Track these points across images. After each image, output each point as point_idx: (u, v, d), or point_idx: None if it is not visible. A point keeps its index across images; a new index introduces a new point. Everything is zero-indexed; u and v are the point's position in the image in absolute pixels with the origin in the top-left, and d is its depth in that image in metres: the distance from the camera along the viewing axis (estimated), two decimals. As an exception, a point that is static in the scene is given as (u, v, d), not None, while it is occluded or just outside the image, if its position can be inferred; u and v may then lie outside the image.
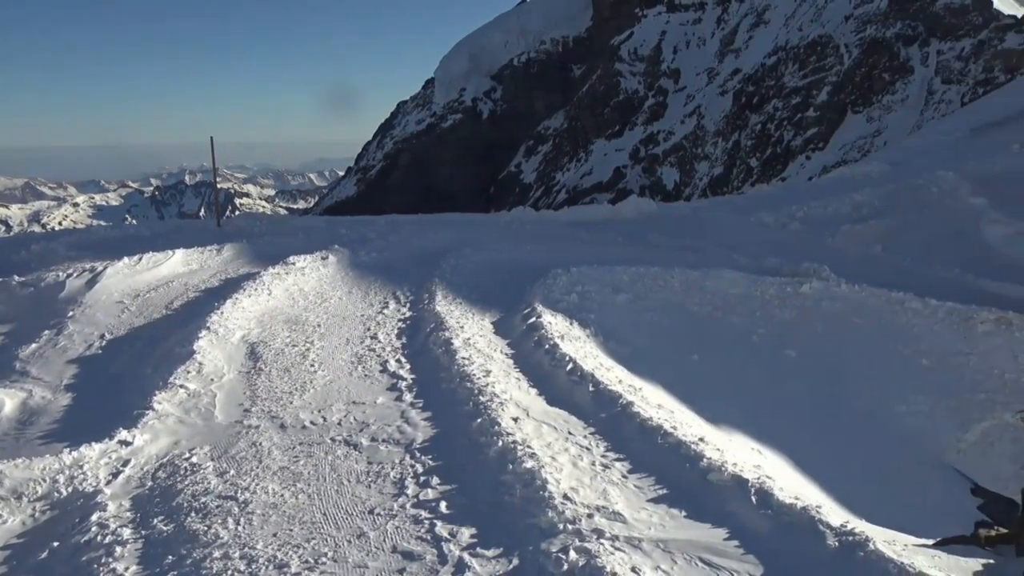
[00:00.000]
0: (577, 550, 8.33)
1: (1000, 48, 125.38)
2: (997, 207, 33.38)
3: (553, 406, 13.27)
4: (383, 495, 10.14)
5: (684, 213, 40.66)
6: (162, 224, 51.70)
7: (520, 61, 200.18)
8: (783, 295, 23.67)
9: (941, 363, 21.93)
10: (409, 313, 18.98)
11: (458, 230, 30.82)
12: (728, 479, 10.06)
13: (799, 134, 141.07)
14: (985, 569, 8.25)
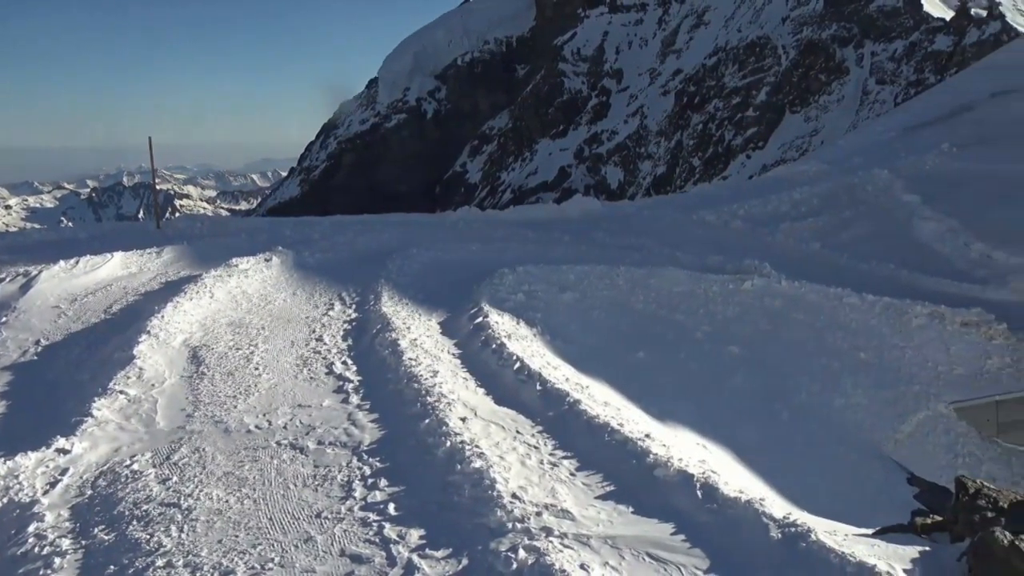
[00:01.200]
0: (526, 548, 8.36)
1: (930, 50, 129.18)
2: (929, 204, 34.37)
3: (501, 405, 13.29)
4: (330, 498, 10.05)
5: (628, 212, 41.03)
6: (99, 227, 50.55)
7: (464, 61, 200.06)
8: (726, 292, 24.08)
9: (878, 356, 22.55)
10: (355, 314, 18.83)
11: (403, 230, 30.68)
12: (674, 474, 10.18)
13: (739, 134, 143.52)
14: (922, 556, 8.48)
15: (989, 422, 22.98)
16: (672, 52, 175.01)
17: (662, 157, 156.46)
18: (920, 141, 45.54)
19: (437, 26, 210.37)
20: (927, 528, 9.39)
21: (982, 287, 28.10)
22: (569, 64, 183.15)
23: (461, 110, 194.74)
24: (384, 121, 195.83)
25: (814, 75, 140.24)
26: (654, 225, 36.18)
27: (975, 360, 23.19)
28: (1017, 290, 28.46)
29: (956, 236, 32.11)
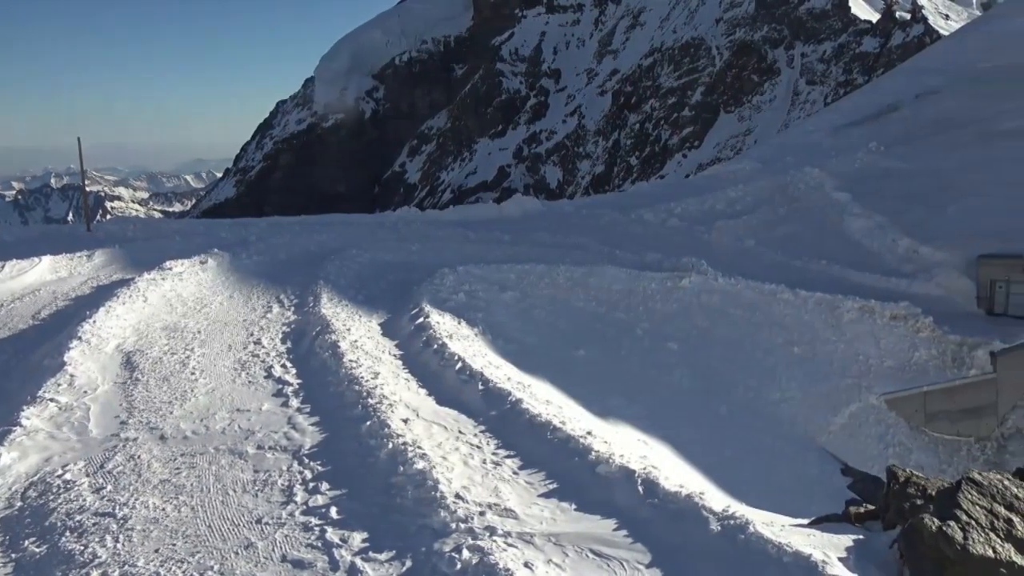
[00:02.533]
0: (470, 548, 8.37)
1: (858, 51, 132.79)
2: (858, 202, 35.34)
3: (443, 406, 13.29)
4: (271, 503, 9.93)
5: (568, 211, 41.32)
6: (26, 230, 49.08)
7: (402, 60, 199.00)
8: (664, 290, 24.44)
9: (812, 351, 23.13)
10: (294, 317, 18.63)
11: (342, 231, 30.44)
12: (616, 471, 10.29)
13: (676, 133, 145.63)
14: (855, 544, 8.72)
15: (917, 412, 23.74)
16: (609, 52, 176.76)
17: (600, 156, 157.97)
18: (849, 140, 46.80)
19: (374, 26, 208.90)
20: (860, 517, 9.65)
21: (909, 281, 29.02)
22: (507, 64, 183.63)
23: (399, 110, 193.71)
24: (321, 121, 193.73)
25: (747, 76, 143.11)
26: (593, 224, 36.53)
27: (903, 353, 23.94)
28: (942, 284, 29.45)
29: (884, 232, 33.09)
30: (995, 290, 28.54)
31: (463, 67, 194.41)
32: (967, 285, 28.83)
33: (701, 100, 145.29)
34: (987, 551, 7.34)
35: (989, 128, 40.38)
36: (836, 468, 19.25)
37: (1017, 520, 7.75)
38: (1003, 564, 7.28)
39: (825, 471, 18.92)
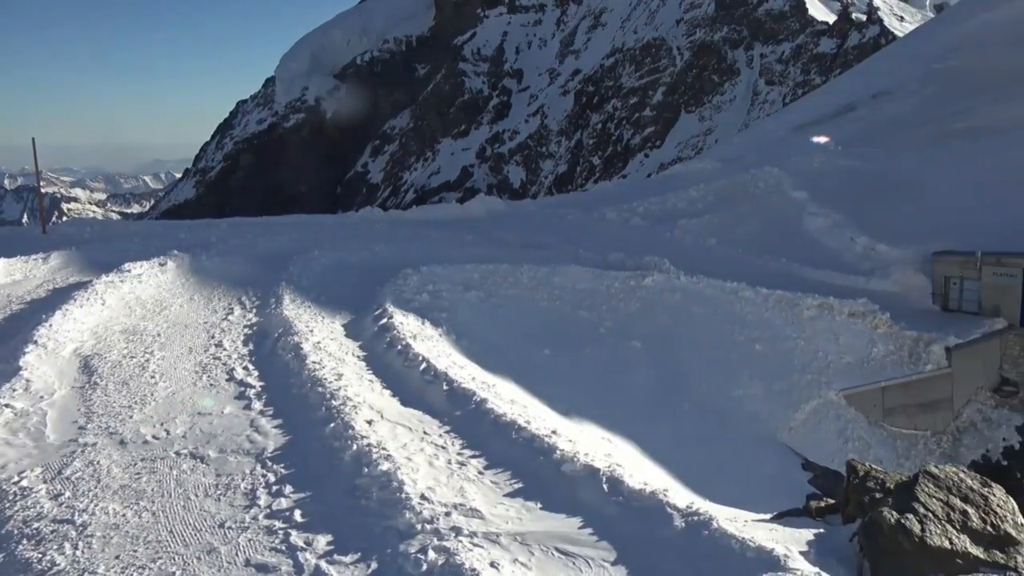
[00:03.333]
0: (436, 549, 8.36)
1: (815, 52, 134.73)
2: (817, 201, 35.88)
3: (408, 406, 13.25)
4: (234, 507, 9.82)
5: (531, 210, 41.44)
6: (-22, 232, 47.98)
7: (363, 60, 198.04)
8: (627, 288, 24.60)
9: (772, 348, 23.43)
10: (256, 318, 18.46)
11: (305, 232, 30.22)
12: (581, 469, 10.34)
13: (637, 133, 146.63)
14: (816, 538, 8.85)
15: (876, 407, 24.15)
16: (571, 53, 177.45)
17: (563, 156, 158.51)
18: (808, 140, 47.47)
19: (334, 25, 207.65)
20: (821, 511, 9.81)
21: (867, 279, 29.53)
22: (469, 64, 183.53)
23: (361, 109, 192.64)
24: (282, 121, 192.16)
25: (707, 76, 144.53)
26: (557, 223, 36.65)
27: (862, 349, 24.35)
28: (899, 281, 30.00)
29: (842, 231, 33.63)
30: (949, 286, 29.14)
31: (425, 67, 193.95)
32: (923, 282, 29.40)
33: (662, 100, 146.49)
34: (944, 543, 7.50)
35: (943, 128, 41.17)
36: (797, 463, 19.53)
37: (972, 512, 7.92)
38: (959, 555, 7.44)
39: (786, 466, 19.19)
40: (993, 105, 42.40)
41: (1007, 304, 27.86)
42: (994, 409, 26.19)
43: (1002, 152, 36.25)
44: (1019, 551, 7.57)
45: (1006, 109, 41.28)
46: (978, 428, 25.60)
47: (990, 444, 25.30)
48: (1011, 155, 35.83)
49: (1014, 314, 27.75)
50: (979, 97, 44.41)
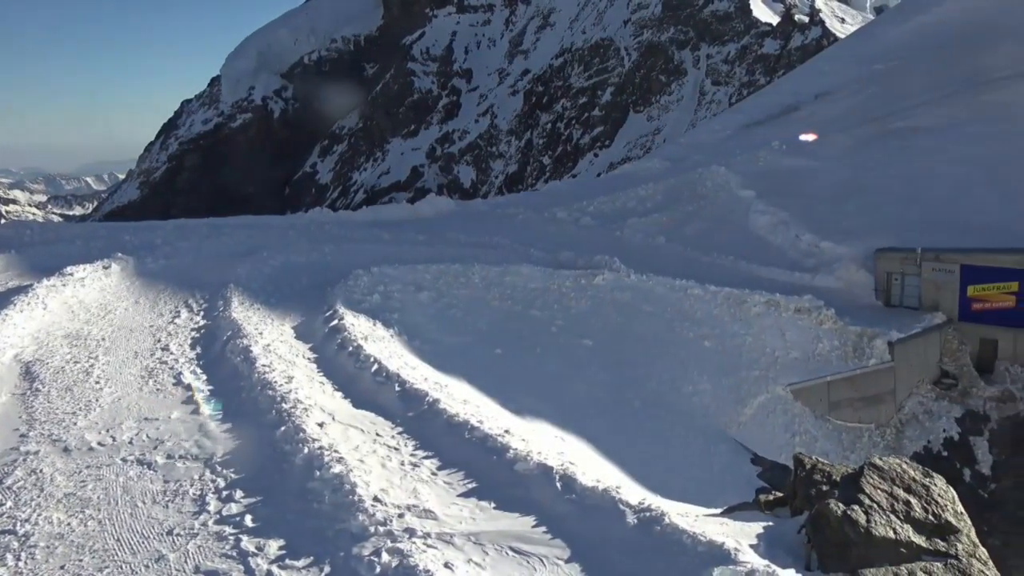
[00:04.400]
0: (389, 551, 8.32)
1: (760, 53, 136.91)
2: (763, 199, 36.47)
3: (360, 408, 13.17)
4: (183, 514, 9.67)
5: (482, 210, 41.44)
6: (-90, 236, 46.42)
7: (311, 59, 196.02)
8: (578, 287, 24.75)
9: (721, 344, 23.77)
10: (203, 321, 18.17)
11: (253, 233, 29.83)
12: (534, 468, 10.38)
13: (587, 132, 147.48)
14: (766, 531, 9.00)
15: (822, 402, 24.64)
16: (520, 53, 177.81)
17: (513, 156, 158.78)
18: (753, 139, 48.24)
19: (281, 24, 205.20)
20: (770, 504, 9.99)
21: (812, 275, 30.12)
22: (418, 64, 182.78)
23: (309, 109, 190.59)
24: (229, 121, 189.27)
25: (655, 76, 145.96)
26: (508, 223, 36.71)
27: (808, 344, 24.82)
28: (843, 277, 30.64)
29: (788, 228, 34.24)
30: (891, 282, 29.85)
31: (374, 66, 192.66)
32: (866, 278, 30.08)
33: (611, 100, 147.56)
34: (888, 532, 7.68)
35: (884, 127, 42.18)
36: (746, 458, 19.84)
37: (915, 502, 8.13)
38: (903, 544, 7.63)
39: (736, 461, 19.48)
40: (930, 105, 43.57)
41: (946, 299, 28.64)
42: (935, 401, 26.90)
43: (939, 150, 37.25)
44: (959, 539, 7.79)
45: (941, 109, 42.45)
46: (920, 420, 26.27)
47: (931, 436, 25.98)
48: (947, 153, 36.84)
49: (952, 309, 28.54)
50: (916, 97, 45.59)
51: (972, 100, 42.34)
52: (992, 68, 46.06)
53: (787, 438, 22.42)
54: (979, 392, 27.27)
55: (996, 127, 38.29)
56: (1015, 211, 30.90)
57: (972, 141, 37.57)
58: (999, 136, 37.51)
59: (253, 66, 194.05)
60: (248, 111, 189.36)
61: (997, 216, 30.87)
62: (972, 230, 29.94)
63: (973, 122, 39.19)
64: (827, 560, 7.72)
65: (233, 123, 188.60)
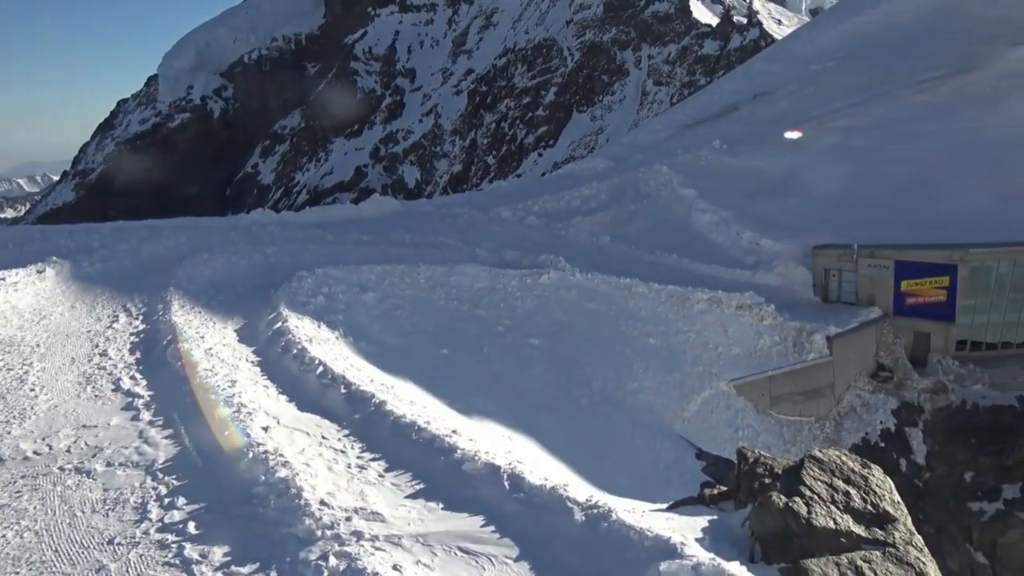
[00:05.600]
0: (337, 555, 8.26)
1: (700, 54, 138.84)
2: (704, 197, 37.02)
3: (305, 411, 13.04)
4: (124, 523, 9.46)
5: (427, 210, 41.28)
6: None
7: (251, 58, 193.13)
8: (524, 286, 24.83)
9: (665, 341, 24.07)
10: (142, 326, 17.79)
11: (193, 235, 29.28)
12: (482, 467, 10.39)
13: (531, 132, 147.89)
14: (711, 525, 9.13)
15: (763, 396, 25.12)
16: (463, 52, 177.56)
17: (457, 156, 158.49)
18: (694, 139, 48.92)
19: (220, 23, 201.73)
20: (714, 498, 10.13)
21: (752, 272, 30.67)
22: (361, 63, 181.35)
23: (250, 109, 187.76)
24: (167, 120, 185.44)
25: (597, 76, 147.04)
26: (452, 223, 36.63)
27: (749, 340, 25.28)
28: (782, 274, 31.27)
29: (728, 226, 34.81)
30: (829, 278, 30.56)
31: (316, 66, 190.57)
32: (804, 274, 30.74)
33: (554, 100, 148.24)
34: (829, 523, 7.86)
35: (820, 126, 43.12)
36: (691, 453, 20.12)
37: (854, 492, 8.33)
38: (843, 534, 7.82)
39: (681, 456, 19.74)
40: (864, 105, 44.68)
41: (881, 294, 29.41)
42: (872, 394, 27.60)
43: (874, 149, 38.23)
44: (896, 528, 8.01)
45: (876, 109, 43.57)
46: (858, 412, 26.93)
47: (869, 427, 26.66)
48: (881, 152, 37.82)
49: (887, 303, 29.33)
50: (852, 97, 46.70)
51: (905, 100, 43.54)
52: (923, 69, 47.42)
53: (730, 432, 22.81)
54: (913, 384, 28.07)
55: (928, 126, 39.44)
56: (946, 208, 31.86)
57: (906, 140, 38.63)
58: (931, 135, 38.63)
59: (191, 65, 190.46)
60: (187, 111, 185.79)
61: (929, 213, 31.80)
62: (906, 227, 30.79)
63: (906, 122, 40.31)
64: (770, 551, 7.86)
65: (171, 123, 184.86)
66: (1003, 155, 35.20)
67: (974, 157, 35.37)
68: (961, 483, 26.48)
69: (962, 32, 51.41)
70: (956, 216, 30.97)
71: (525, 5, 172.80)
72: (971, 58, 46.20)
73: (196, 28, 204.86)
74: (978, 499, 26.10)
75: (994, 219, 30.39)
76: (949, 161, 35.36)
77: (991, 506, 25.85)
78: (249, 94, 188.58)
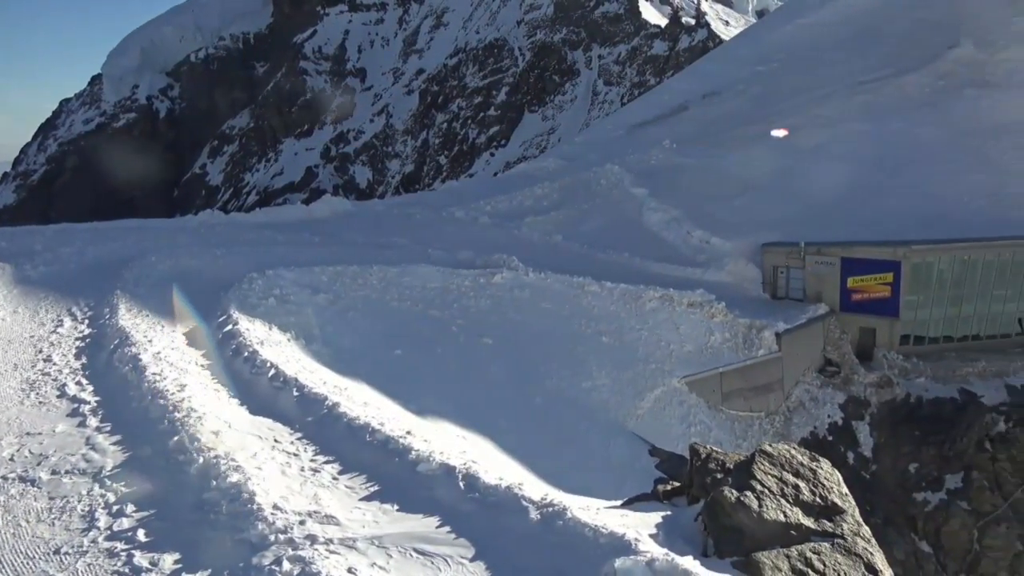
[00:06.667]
0: (291, 559, 8.19)
1: (649, 54, 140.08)
2: (655, 196, 37.39)
3: (257, 415, 12.89)
4: (70, 531, 9.26)
5: (379, 211, 41.07)
6: None
7: (198, 57, 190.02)
8: (477, 286, 24.82)
9: (618, 339, 24.27)
10: (88, 330, 17.41)
11: (140, 237, 28.73)
12: (436, 468, 10.38)
13: (483, 132, 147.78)
14: (664, 520, 9.24)
15: (715, 392, 25.45)
16: (414, 52, 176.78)
17: (409, 156, 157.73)
18: (645, 138, 49.35)
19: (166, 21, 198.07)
20: (667, 494, 10.26)
21: (703, 270, 31.08)
22: (311, 62, 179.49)
23: (198, 109, 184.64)
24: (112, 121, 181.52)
25: (549, 76, 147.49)
26: (405, 223, 36.48)
27: (701, 337, 25.60)
28: (732, 272, 31.72)
29: (679, 225, 35.20)
30: (777, 276, 31.11)
31: (264, 65, 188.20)
32: (753, 272, 31.25)
33: (506, 100, 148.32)
34: (779, 516, 8.01)
35: (768, 126, 43.78)
36: (644, 449, 20.31)
37: (803, 485, 8.50)
38: (793, 527, 7.97)
39: (634, 453, 19.92)
40: (810, 104, 45.47)
41: (828, 290, 30.02)
42: (820, 389, 28.15)
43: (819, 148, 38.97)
44: (844, 519, 8.18)
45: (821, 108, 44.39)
46: (806, 407, 27.44)
47: (817, 421, 27.20)
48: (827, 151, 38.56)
49: (834, 299, 29.94)
50: (797, 97, 47.53)
51: (849, 100, 44.43)
52: (867, 69, 48.42)
53: (683, 429, 23.08)
54: (860, 379, 28.70)
55: (872, 125, 40.31)
56: (890, 205, 32.62)
57: (850, 139, 39.44)
58: (875, 134, 39.49)
59: (137, 64, 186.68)
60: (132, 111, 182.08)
61: (874, 210, 32.52)
62: (852, 224, 31.46)
63: (850, 121, 41.14)
64: (722, 545, 7.98)
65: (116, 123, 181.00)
66: (940, 154, 36.15)
67: (913, 156, 36.26)
68: (906, 474, 27.15)
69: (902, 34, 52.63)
70: (897, 213, 31.74)
71: (475, 5, 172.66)
72: (911, 59, 47.31)
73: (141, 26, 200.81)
74: (922, 489, 26.79)
75: (933, 216, 31.20)
76: (890, 160, 36.21)
77: (935, 496, 26.54)
78: (196, 94, 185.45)
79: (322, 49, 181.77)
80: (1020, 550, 26.05)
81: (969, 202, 32.21)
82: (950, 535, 26.12)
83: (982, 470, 26.65)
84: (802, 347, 28.12)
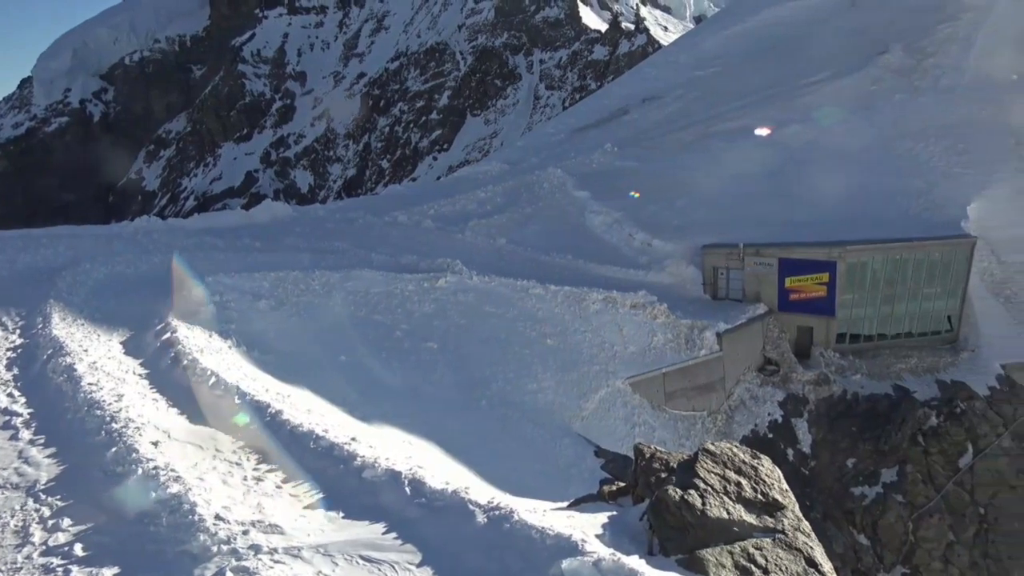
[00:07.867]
0: (234, 570, 8.06)
1: (590, 59, 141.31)
2: (597, 199, 37.68)
3: (197, 424, 12.66)
4: (4, 548, 8.99)
5: (320, 215, 40.62)
6: None
7: (133, 60, 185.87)
8: (421, 290, 24.74)
9: (563, 341, 24.41)
10: (19, 340, 16.91)
11: (73, 244, 27.98)
12: (382, 474, 10.32)
13: (425, 136, 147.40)
14: (610, 520, 9.31)
15: (658, 392, 25.75)
16: (355, 55, 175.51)
17: (351, 160, 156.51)
18: (587, 142, 49.74)
19: (99, 22, 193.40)
20: (613, 494, 10.34)
21: (645, 272, 31.40)
22: (249, 66, 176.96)
23: (132, 113, 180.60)
24: (43, 124, 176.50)
25: (491, 80, 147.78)
26: (347, 228, 36.15)
27: (644, 338, 25.88)
28: (673, 273, 32.13)
29: (621, 227, 35.53)
30: (717, 276, 31.59)
31: (201, 68, 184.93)
32: (694, 273, 31.67)
33: (448, 103, 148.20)
34: (722, 513, 8.13)
35: (707, 129, 44.47)
36: (590, 451, 20.45)
37: (745, 483, 8.64)
38: (736, 523, 8.10)
39: (579, 454, 20.05)
40: (748, 108, 46.29)
41: (766, 291, 30.59)
42: (760, 387, 28.67)
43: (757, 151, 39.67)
44: (785, 515, 8.35)
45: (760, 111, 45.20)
46: (747, 405, 27.92)
47: (758, 419, 27.69)
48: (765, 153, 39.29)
49: (772, 299, 30.53)
50: (733, 102, 48.34)
51: (788, 103, 45.31)
52: (805, 72, 49.46)
53: (627, 429, 23.31)
54: (798, 377, 29.31)
55: (810, 128, 41.17)
56: (827, 207, 33.36)
57: (788, 141, 40.22)
58: (812, 136, 40.34)
59: (68, 66, 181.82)
60: (64, 114, 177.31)
61: (811, 212, 33.22)
62: (788, 225, 32.09)
63: (789, 123, 41.96)
64: (668, 544, 8.07)
65: (48, 127, 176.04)
66: (871, 156, 37.09)
67: (847, 158, 37.14)
68: (844, 469, 27.80)
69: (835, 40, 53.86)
70: (831, 214, 32.47)
71: (416, 9, 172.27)
72: (844, 64, 48.46)
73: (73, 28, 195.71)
74: (859, 484, 27.46)
75: (865, 216, 32.00)
76: (825, 162, 37.01)
77: (871, 490, 27.23)
78: (131, 97, 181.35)
79: (261, 52, 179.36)
80: (952, 540, 26.88)
81: (901, 203, 33.13)
82: (886, 527, 26.82)
83: (916, 464, 27.44)
84: (742, 347, 28.61)
